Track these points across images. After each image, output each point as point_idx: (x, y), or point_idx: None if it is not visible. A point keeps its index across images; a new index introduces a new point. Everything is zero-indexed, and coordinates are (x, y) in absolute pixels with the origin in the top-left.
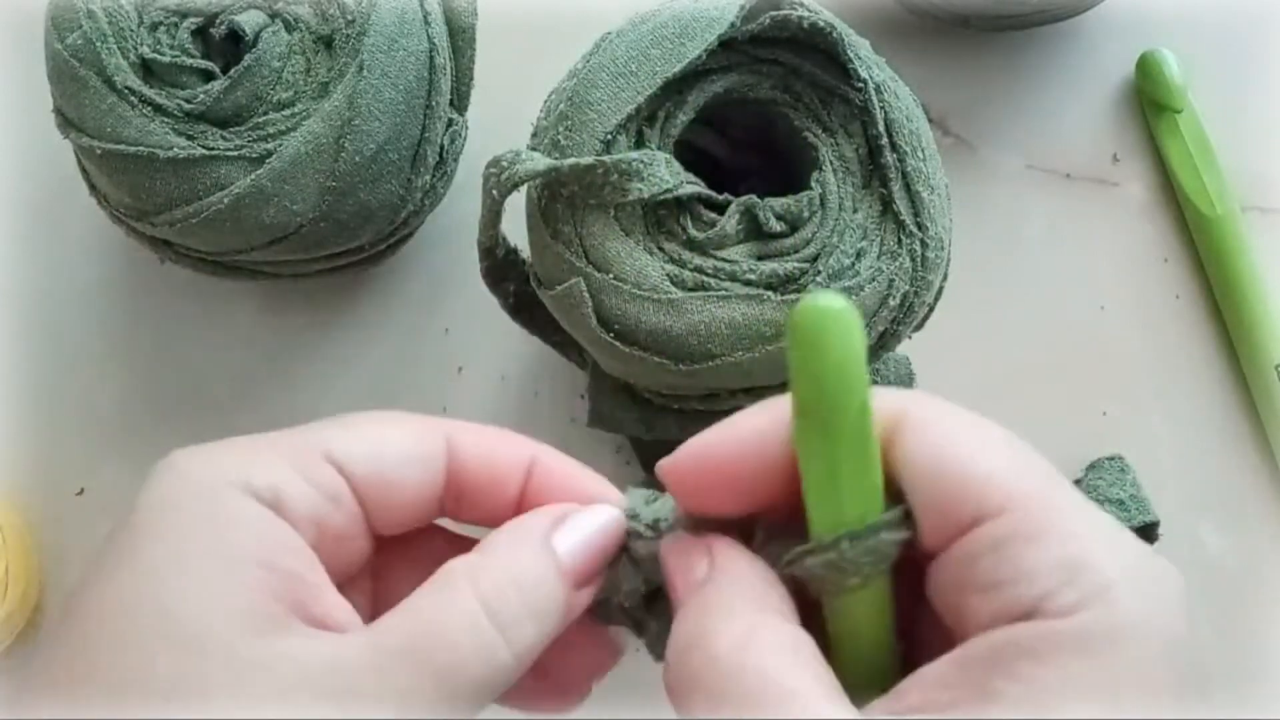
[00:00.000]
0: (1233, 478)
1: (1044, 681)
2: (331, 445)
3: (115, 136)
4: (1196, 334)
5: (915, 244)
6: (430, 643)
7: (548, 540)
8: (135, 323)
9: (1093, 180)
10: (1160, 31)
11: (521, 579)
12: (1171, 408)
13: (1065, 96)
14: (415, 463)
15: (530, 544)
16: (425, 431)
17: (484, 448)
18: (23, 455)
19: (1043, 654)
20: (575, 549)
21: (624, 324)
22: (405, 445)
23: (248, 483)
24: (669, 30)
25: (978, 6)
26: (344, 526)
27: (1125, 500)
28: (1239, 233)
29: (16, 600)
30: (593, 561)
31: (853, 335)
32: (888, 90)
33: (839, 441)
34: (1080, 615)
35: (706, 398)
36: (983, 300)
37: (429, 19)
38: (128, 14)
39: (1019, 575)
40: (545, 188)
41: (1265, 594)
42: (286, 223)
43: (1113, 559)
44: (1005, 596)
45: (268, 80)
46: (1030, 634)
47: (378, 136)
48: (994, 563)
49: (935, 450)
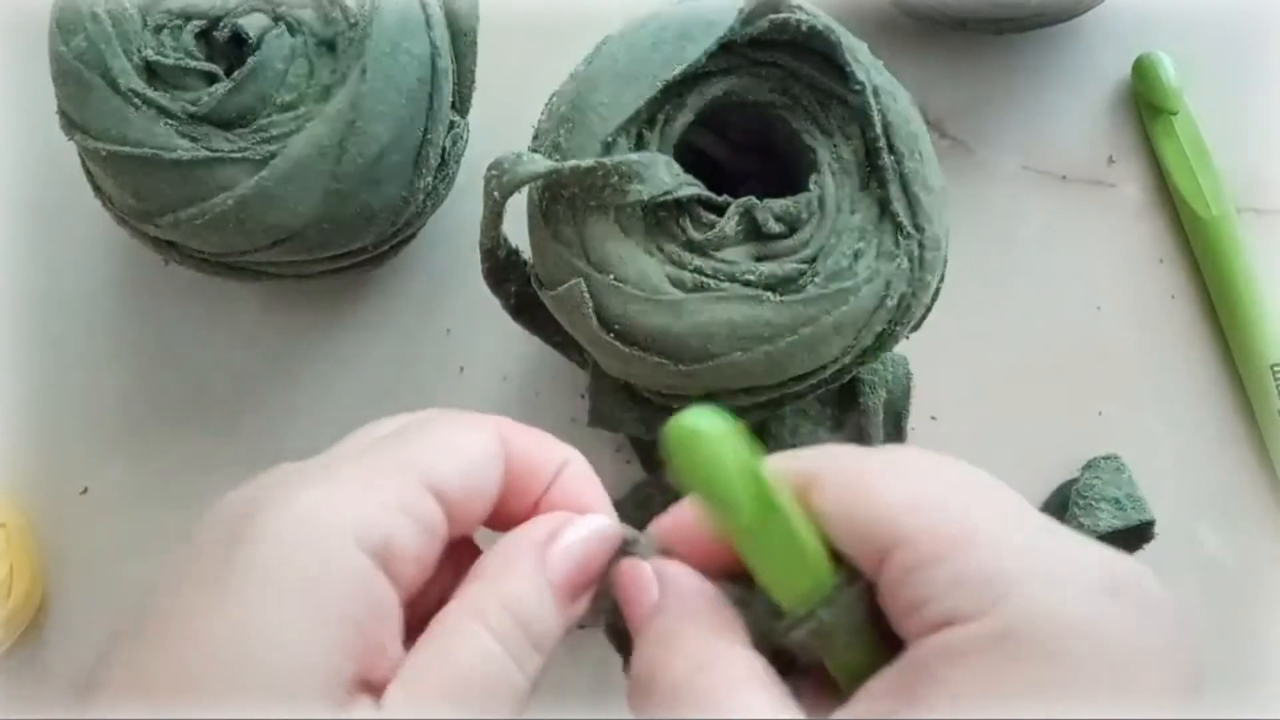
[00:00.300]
0: (1229, 477)
1: (960, 682)
2: (430, 471)
3: (119, 138)
4: (1192, 334)
5: (913, 245)
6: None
7: (540, 559)
8: (138, 323)
9: (1089, 181)
10: (1156, 34)
11: (521, 612)
12: (1167, 407)
13: (1062, 98)
14: (492, 470)
15: (523, 568)
16: (489, 434)
17: (527, 449)
18: (26, 455)
19: (955, 657)
20: (566, 564)
21: (624, 324)
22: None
23: (361, 534)
24: (669, 33)
25: (975, 9)
26: (436, 555)
27: (1121, 499)
28: (1234, 234)
29: (20, 600)
30: (583, 574)
31: (727, 446)
32: (885, 93)
33: (758, 534)
34: (984, 619)
35: (706, 398)
36: (980, 301)
37: (431, 22)
38: (132, 16)
39: (931, 594)
40: (546, 189)
41: (1263, 593)
42: (289, 224)
43: (1018, 561)
44: (925, 615)
45: (271, 83)
46: (943, 641)
47: (380, 139)
48: (910, 587)
49: (843, 498)
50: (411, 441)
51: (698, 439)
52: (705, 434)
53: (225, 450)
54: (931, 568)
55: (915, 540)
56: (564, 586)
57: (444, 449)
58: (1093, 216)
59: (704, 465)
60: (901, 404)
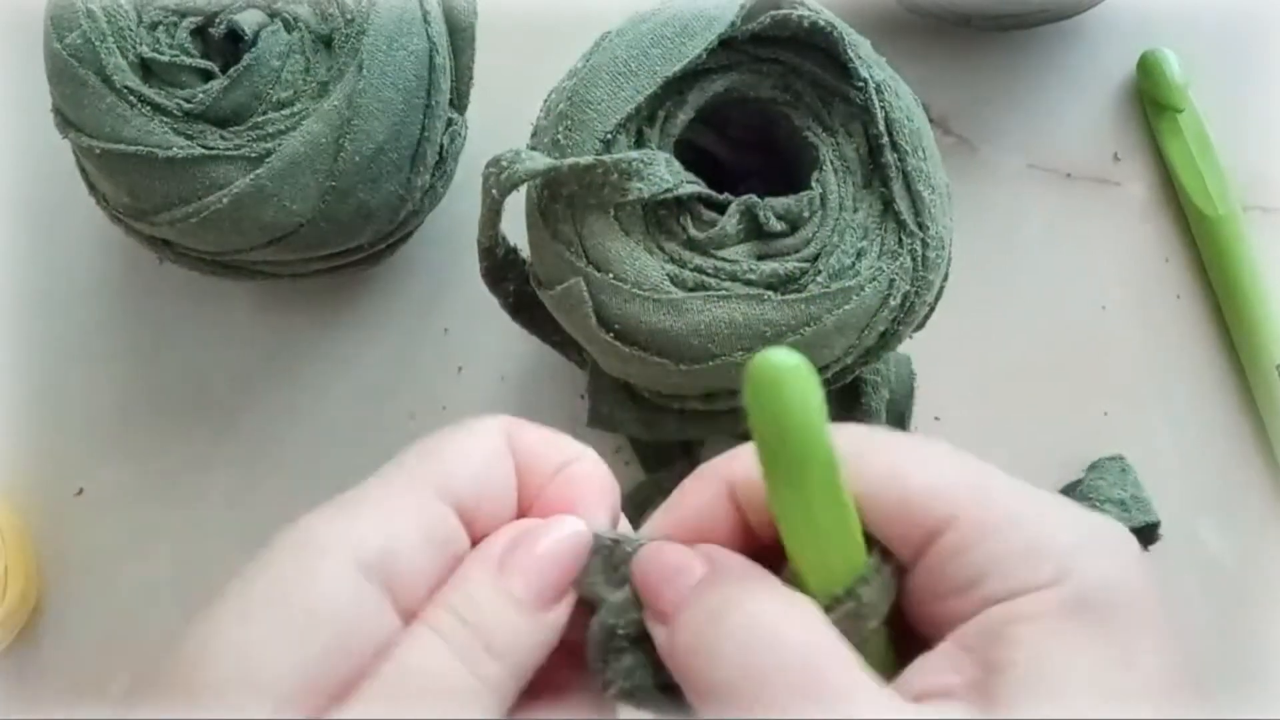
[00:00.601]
0: (1233, 478)
1: (1043, 644)
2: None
3: (114, 136)
4: (1197, 334)
5: (916, 243)
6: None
7: (492, 563)
8: (134, 322)
9: (1094, 180)
10: (1161, 31)
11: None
12: (1172, 408)
13: (1066, 96)
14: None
15: (472, 573)
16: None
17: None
18: (22, 455)
19: (1035, 618)
20: (529, 567)
21: (624, 324)
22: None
23: (355, 551)
24: (669, 29)
25: (978, 6)
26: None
27: (1126, 500)
28: (1240, 232)
29: (16, 600)
30: (549, 577)
31: (811, 388)
32: (888, 90)
33: (817, 495)
34: (1057, 588)
35: (706, 398)
36: (983, 300)
37: (428, 18)
38: (127, 13)
39: (989, 569)
40: (545, 187)
41: (1265, 594)
42: (286, 222)
43: (1066, 532)
44: (983, 590)
45: (267, 80)
46: (1018, 607)
47: (377, 136)
48: (962, 565)
49: (887, 479)
50: (427, 455)
51: (787, 376)
52: (794, 372)
53: (222, 450)
54: (987, 543)
55: (967, 518)
56: (529, 591)
57: (459, 457)
58: (1097, 215)
59: (788, 405)
60: (905, 404)
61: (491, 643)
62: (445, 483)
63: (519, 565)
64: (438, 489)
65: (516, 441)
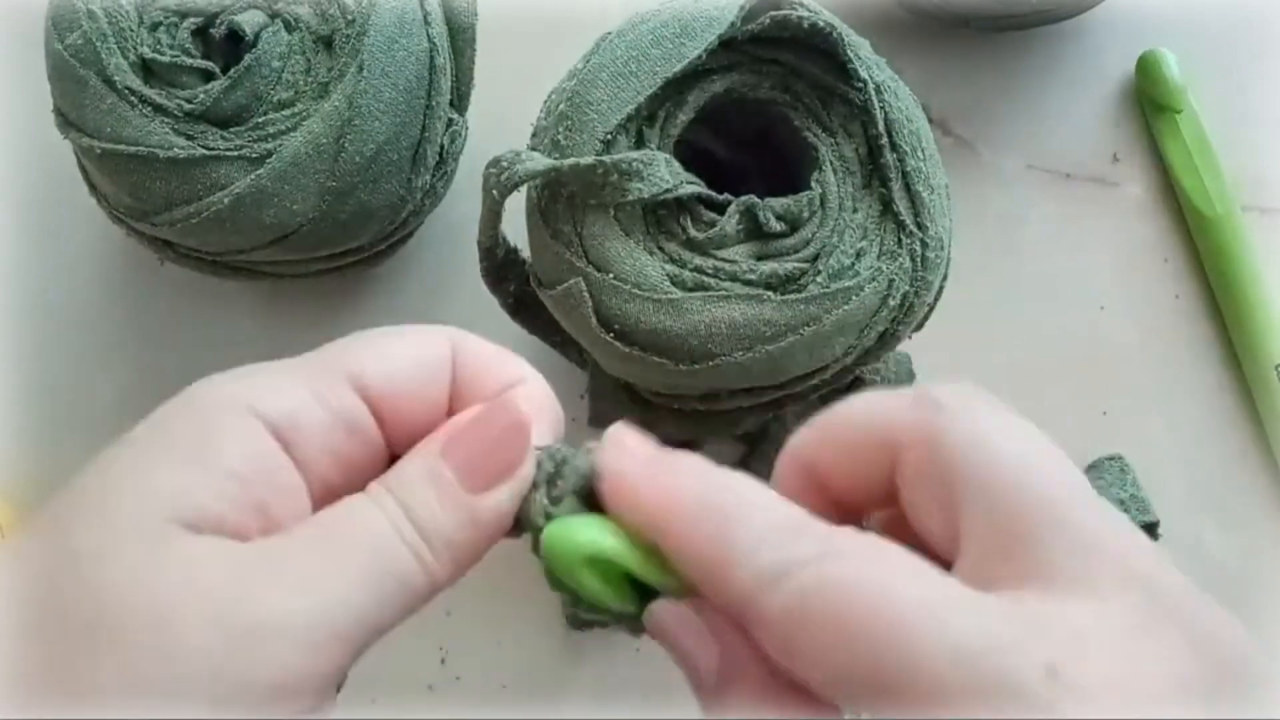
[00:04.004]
0: (1233, 478)
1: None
2: (354, 369)
3: (115, 136)
4: (1196, 334)
5: (915, 244)
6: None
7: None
8: (135, 322)
9: (1093, 180)
10: (1160, 32)
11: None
12: (1171, 408)
13: (1065, 97)
14: (431, 375)
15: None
16: (435, 342)
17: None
18: (22, 455)
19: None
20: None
21: (624, 324)
22: (421, 357)
23: (253, 406)
24: (669, 30)
25: (978, 7)
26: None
27: (1125, 500)
28: (1239, 233)
29: None
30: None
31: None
32: (888, 90)
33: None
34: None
35: (706, 398)
36: (983, 300)
37: (429, 19)
38: (128, 14)
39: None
40: (545, 188)
41: (1265, 594)
42: (286, 223)
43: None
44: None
45: (268, 80)
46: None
47: (378, 136)
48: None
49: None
50: (342, 347)
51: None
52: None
53: None
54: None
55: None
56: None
57: (374, 352)
58: (1097, 215)
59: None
60: None
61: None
62: (355, 372)
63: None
64: (347, 375)
65: (461, 354)
